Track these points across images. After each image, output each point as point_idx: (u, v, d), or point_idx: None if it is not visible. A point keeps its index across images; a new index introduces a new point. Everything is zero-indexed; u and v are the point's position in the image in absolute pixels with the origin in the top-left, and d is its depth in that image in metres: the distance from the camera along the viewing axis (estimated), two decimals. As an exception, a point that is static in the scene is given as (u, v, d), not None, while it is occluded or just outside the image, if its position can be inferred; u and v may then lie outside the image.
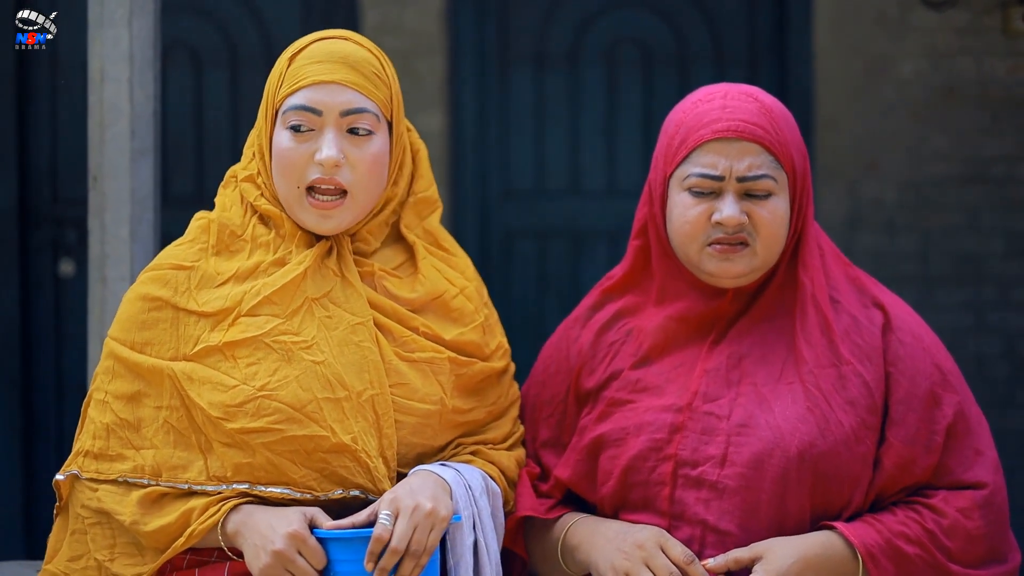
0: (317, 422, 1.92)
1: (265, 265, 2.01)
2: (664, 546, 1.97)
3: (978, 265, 4.73)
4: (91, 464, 1.98)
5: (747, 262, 2.04)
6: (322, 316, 1.98)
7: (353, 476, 1.93)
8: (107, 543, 1.97)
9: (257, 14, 4.69)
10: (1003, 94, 4.71)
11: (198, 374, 1.94)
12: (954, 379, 2.08)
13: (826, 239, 2.16)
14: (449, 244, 2.17)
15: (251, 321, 1.96)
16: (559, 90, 4.79)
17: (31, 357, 4.63)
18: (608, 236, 4.77)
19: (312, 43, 2.04)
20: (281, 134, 2.01)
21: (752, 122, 2.03)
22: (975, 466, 2.05)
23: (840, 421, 2.00)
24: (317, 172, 1.99)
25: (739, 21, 4.78)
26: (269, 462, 1.91)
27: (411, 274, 2.09)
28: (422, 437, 2.02)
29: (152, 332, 1.99)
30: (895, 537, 1.97)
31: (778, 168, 2.04)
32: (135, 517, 1.93)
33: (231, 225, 2.04)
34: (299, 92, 2.00)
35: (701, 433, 2.03)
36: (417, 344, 2.02)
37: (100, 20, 2.60)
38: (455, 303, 2.09)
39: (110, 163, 2.61)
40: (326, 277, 2.01)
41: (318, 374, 1.94)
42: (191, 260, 2.03)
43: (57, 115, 4.62)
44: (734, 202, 2.01)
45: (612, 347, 2.15)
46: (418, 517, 1.87)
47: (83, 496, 1.99)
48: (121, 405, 1.98)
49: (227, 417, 1.91)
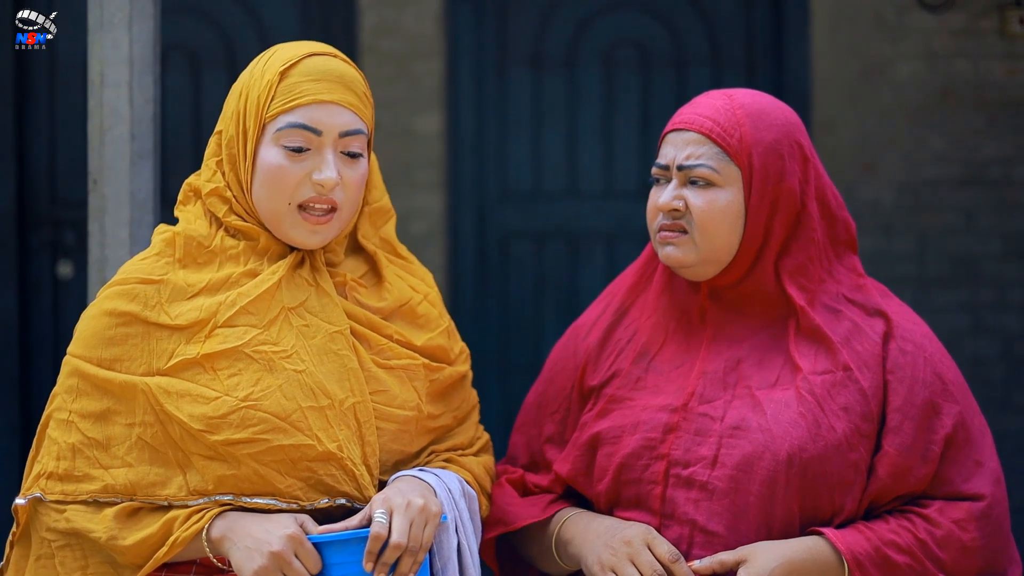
0: (303, 431, 1.90)
1: (236, 276, 1.98)
2: (651, 544, 1.98)
3: (975, 267, 4.74)
4: (56, 485, 1.93)
5: (687, 250, 2.07)
6: (299, 325, 1.96)
7: (339, 484, 1.92)
8: (78, 564, 1.92)
9: (255, 17, 4.70)
10: (1000, 96, 4.72)
11: (175, 388, 1.91)
12: (956, 389, 2.07)
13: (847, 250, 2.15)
14: (404, 252, 2.16)
15: (229, 332, 1.93)
16: (557, 92, 4.80)
17: (30, 358, 4.64)
18: (605, 237, 4.78)
19: (304, 58, 2.00)
20: (272, 150, 1.97)
21: (705, 115, 2.08)
22: (974, 477, 2.04)
23: (832, 427, 2.00)
24: (311, 191, 1.96)
25: (736, 23, 4.79)
26: (255, 473, 1.89)
27: (376, 283, 2.08)
28: (400, 443, 2.02)
29: (121, 348, 1.95)
30: (885, 545, 1.97)
31: (724, 160, 2.06)
32: (112, 532, 1.89)
33: (198, 237, 2.00)
34: (297, 110, 1.96)
35: (694, 434, 2.04)
36: (393, 351, 2.02)
37: (100, 23, 2.60)
38: (421, 309, 2.09)
39: (110, 166, 2.60)
40: (300, 287, 1.99)
41: (301, 383, 1.92)
42: (158, 273, 1.98)
43: (56, 117, 4.63)
44: (672, 189, 2.09)
45: (617, 345, 2.18)
46: (413, 513, 1.87)
47: (48, 519, 1.93)
48: (88, 424, 1.93)
49: (210, 429, 1.88)
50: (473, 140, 4.76)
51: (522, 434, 2.26)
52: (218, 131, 2.06)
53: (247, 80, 2.03)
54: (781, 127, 2.09)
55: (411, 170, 4.63)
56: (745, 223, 2.07)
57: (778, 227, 2.08)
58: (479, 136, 4.77)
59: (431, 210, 4.70)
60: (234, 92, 2.05)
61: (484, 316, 4.69)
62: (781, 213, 2.08)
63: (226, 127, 2.04)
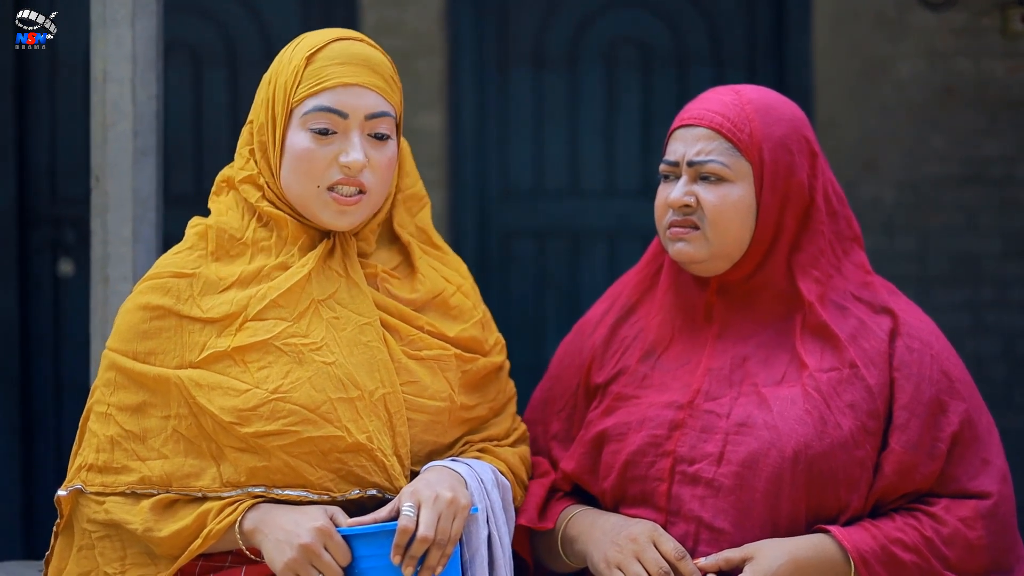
0: (332, 422, 1.92)
1: (268, 269, 2.00)
2: (657, 541, 1.98)
3: (976, 265, 4.74)
4: (96, 477, 1.97)
5: (699, 246, 2.07)
6: (329, 317, 1.98)
7: (369, 475, 1.93)
8: (117, 555, 1.95)
9: (256, 14, 4.69)
10: (1001, 95, 4.72)
11: (206, 380, 1.93)
12: (963, 387, 2.07)
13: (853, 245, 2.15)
14: (440, 242, 2.19)
15: (259, 325, 1.96)
16: (558, 90, 4.80)
17: (30, 357, 4.63)
18: (607, 236, 4.77)
19: (330, 43, 2.02)
20: (300, 135, 1.99)
21: (715, 111, 2.08)
22: (981, 475, 2.04)
23: (839, 424, 2.00)
24: (339, 173, 1.98)
25: (738, 21, 4.79)
26: (286, 464, 1.91)
27: (409, 274, 2.10)
28: (433, 434, 2.03)
29: (155, 341, 1.98)
30: (891, 543, 1.97)
31: (735, 156, 2.06)
32: (148, 524, 1.92)
33: (230, 229, 2.03)
34: (323, 93, 1.98)
35: (700, 431, 2.04)
36: (424, 342, 2.03)
37: (103, 20, 2.60)
38: (454, 300, 2.11)
39: (112, 163, 2.59)
40: (330, 278, 2.01)
41: (330, 375, 1.94)
42: (191, 267, 2.01)
43: (56, 115, 4.62)
44: (683, 185, 2.08)
45: (624, 342, 2.18)
46: (441, 506, 1.88)
47: (88, 510, 1.97)
48: (125, 417, 1.97)
49: (240, 422, 1.90)
50: (474, 138, 4.75)
51: (528, 432, 2.26)
52: (250, 120, 2.08)
53: (276, 68, 2.05)
54: (789, 122, 2.09)
55: (412, 168, 4.62)
56: (756, 218, 2.07)
57: (789, 221, 2.08)
58: (480, 134, 4.76)
59: (432, 208, 4.70)
60: (264, 81, 2.07)
61: (485, 314, 4.68)
62: (791, 207, 2.08)
63: (256, 115, 2.06)
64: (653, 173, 4.78)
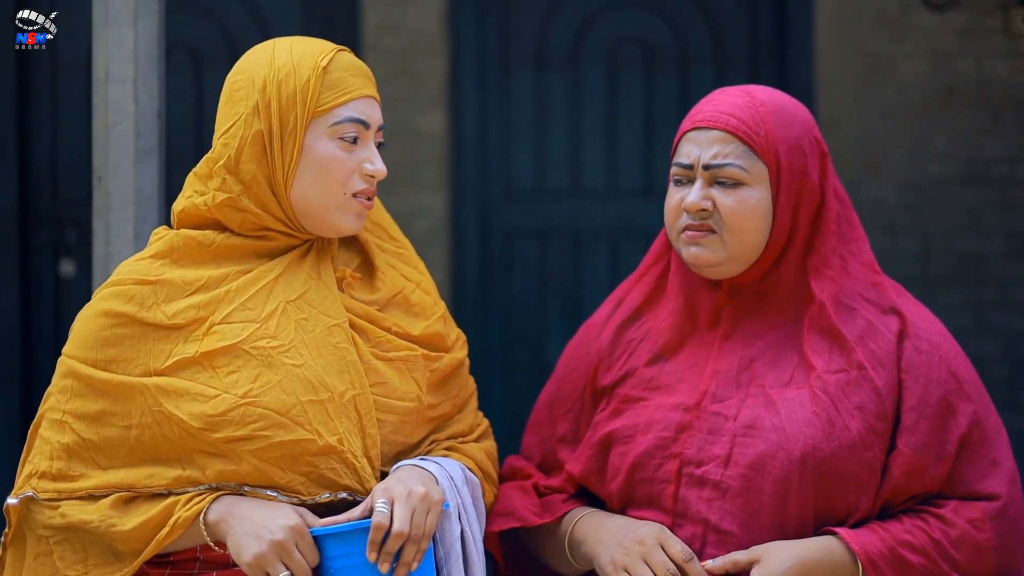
0: (303, 426, 1.90)
1: (235, 272, 1.98)
2: (664, 543, 1.98)
3: (979, 266, 4.74)
4: (48, 484, 1.93)
5: (715, 249, 2.05)
6: (298, 318, 1.96)
7: (340, 478, 1.92)
8: (78, 557, 1.92)
9: (257, 14, 4.69)
10: (1004, 95, 4.72)
11: (174, 387, 1.90)
12: (971, 388, 2.06)
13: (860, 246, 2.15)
14: (396, 234, 2.17)
15: (227, 328, 1.93)
16: (560, 90, 4.79)
17: (31, 357, 4.63)
18: (609, 236, 4.77)
19: (335, 53, 2.02)
20: (326, 143, 1.98)
21: (728, 113, 2.05)
22: (989, 477, 2.03)
23: (847, 426, 1.99)
24: (362, 182, 2.00)
25: (740, 22, 4.79)
26: (256, 469, 1.89)
27: (368, 274, 2.09)
28: (401, 435, 2.02)
29: (117, 349, 1.94)
30: (899, 545, 1.96)
31: (752, 159, 2.05)
32: (111, 520, 1.89)
33: (199, 236, 2.00)
34: (350, 104, 1.99)
35: (708, 433, 2.03)
36: (392, 344, 2.02)
37: (105, 20, 2.59)
38: (415, 297, 2.10)
39: (115, 163, 2.59)
40: (300, 279, 1.99)
41: (300, 377, 1.92)
42: (154, 274, 1.98)
43: (57, 116, 4.62)
44: (699, 188, 2.05)
45: (630, 344, 2.17)
46: (414, 501, 1.87)
47: (43, 516, 1.93)
48: (83, 425, 1.93)
49: (210, 427, 1.88)
50: (476, 139, 4.75)
51: (535, 434, 2.26)
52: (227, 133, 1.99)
53: (269, 74, 1.99)
54: (802, 123, 2.09)
55: (414, 169, 4.62)
56: (773, 220, 2.06)
57: (803, 223, 2.07)
58: (482, 135, 4.76)
59: (434, 209, 4.70)
60: (251, 85, 2.00)
61: (487, 315, 4.68)
62: (805, 209, 2.07)
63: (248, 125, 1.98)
64: (655, 174, 4.78)
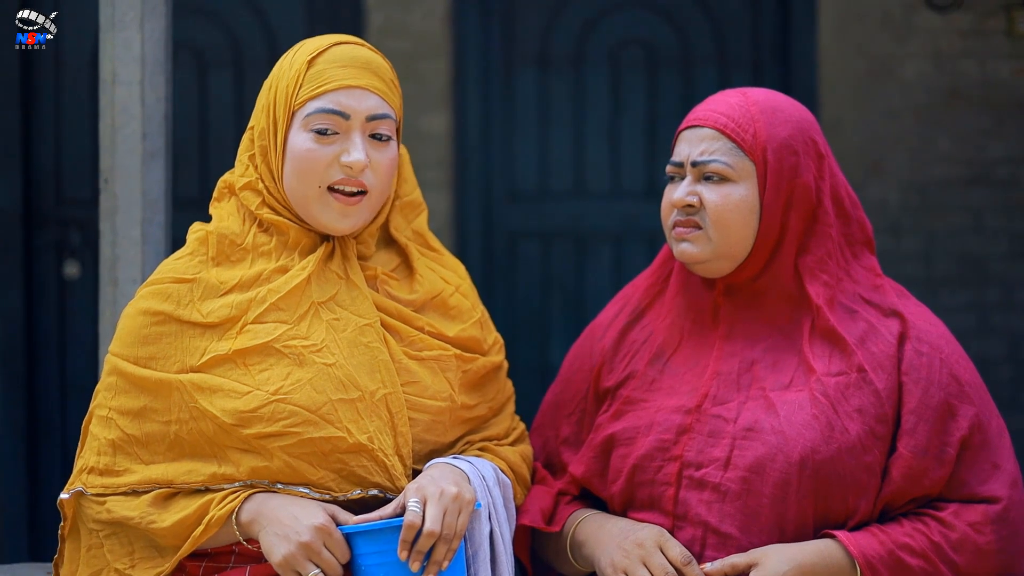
0: (333, 423, 1.93)
1: (268, 273, 2.02)
2: (663, 546, 1.99)
3: (982, 267, 4.74)
4: (96, 480, 1.99)
5: (701, 245, 2.08)
6: (330, 319, 1.99)
7: (371, 475, 1.95)
8: (125, 551, 1.97)
9: (262, 16, 4.69)
10: (1007, 96, 4.72)
11: (208, 384, 1.95)
12: (973, 391, 2.06)
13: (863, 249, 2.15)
14: (436, 245, 2.20)
15: (260, 328, 1.98)
16: (563, 92, 4.80)
17: (35, 359, 4.63)
18: (612, 237, 4.77)
19: (331, 47, 2.04)
20: (300, 136, 2.01)
21: (719, 112, 2.09)
22: (991, 480, 2.03)
23: (846, 428, 1.99)
24: (340, 173, 2.01)
25: (743, 23, 4.79)
26: (287, 465, 1.93)
27: (407, 276, 2.11)
28: (434, 434, 2.04)
29: (156, 346, 2.00)
30: (898, 548, 1.96)
31: (739, 156, 2.07)
32: (150, 517, 1.94)
33: (231, 235, 2.05)
34: (325, 95, 2.00)
35: (708, 435, 2.04)
36: (424, 343, 2.05)
37: (112, 22, 2.60)
38: (452, 300, 2.12)
39: (121, 165, 2.61)
40: (330, 280, 2.02)
41: (331, 376, 1.95)
42: (191, 273, 2.03)
43: (62, 117, 4.62)
44: (687, 184, 2.09)
45: (633, 346, 2.18)
46: (446, 501, 1.89)
47: (92, 511, 2.00)
48: (127, 421, 1.99)
49: (242, 423, 1.92)
50: (480, 140, 4.75)
51: (539, 436, 2.26)
52: (251, 127, 2.09)
53: (276, 73, 2.07)
54: (795, 123, 2.09)
55: (417, 170, 4.57)
56: (760, 218, 2.07)
57: (795, 223, 2.08)
58: (486, 136, 4.76)
59: (438, 210, 4.70)
60: (265, 87, 2.09)
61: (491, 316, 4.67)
62: (797, 209, 2.08)
63: (257, 121, 2.08)
64: (659, 175, 4.78)
